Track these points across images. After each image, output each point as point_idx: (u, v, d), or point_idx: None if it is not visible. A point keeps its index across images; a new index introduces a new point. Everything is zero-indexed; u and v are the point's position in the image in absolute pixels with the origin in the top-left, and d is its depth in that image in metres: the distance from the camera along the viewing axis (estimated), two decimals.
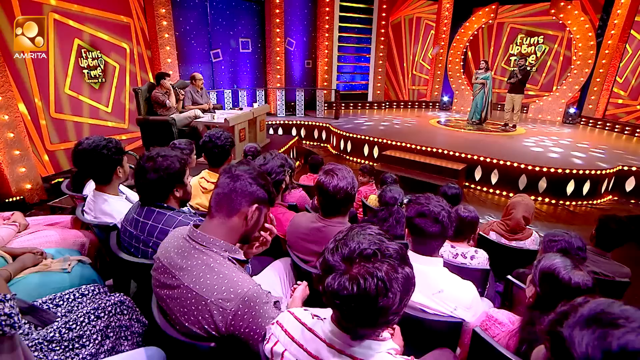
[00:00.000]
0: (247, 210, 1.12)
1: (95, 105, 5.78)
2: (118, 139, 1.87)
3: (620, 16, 8.84)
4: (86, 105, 5.60)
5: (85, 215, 1.86)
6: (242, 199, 1.11)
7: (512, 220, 2.63)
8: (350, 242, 0.83)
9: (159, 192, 1.48)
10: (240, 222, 1.13)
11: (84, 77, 5.51)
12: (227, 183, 1.11)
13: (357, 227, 0.88)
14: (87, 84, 5.59)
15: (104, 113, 5.97)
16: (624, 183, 5.99)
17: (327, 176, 1.64)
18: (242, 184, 1.10)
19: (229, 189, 1.10)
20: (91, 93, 5.68)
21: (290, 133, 8.92)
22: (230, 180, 1.11)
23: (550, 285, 1.26)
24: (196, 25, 7.66)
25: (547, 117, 10.50)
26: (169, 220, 1.45)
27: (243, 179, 1.11)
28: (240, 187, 1.10)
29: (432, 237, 1.47)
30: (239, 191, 1.10)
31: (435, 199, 1.49)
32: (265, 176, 1.17)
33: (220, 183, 1.12)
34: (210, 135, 2.19)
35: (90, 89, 5.66)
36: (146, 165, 1.45)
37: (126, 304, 1.36)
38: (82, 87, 5.52)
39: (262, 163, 1.91)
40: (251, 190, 1.12)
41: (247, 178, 1.12)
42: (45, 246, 1.88)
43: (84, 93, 5.54)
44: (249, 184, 1.11)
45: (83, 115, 5.59)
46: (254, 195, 1.12)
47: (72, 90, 5.34)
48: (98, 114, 5.86)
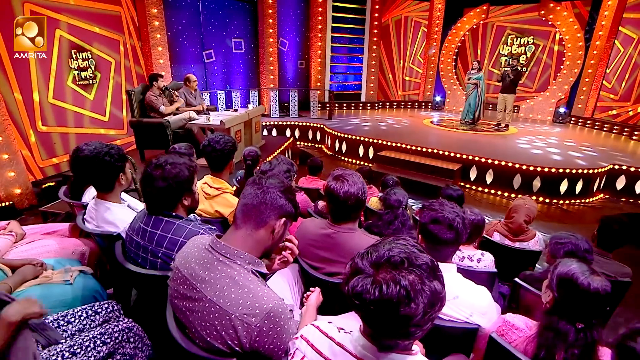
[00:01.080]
0: (274, 224, 1.10)
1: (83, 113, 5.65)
2: (119, 146, 1.81)
3: (607, 17, 9.01)
4: (71, 112, 5.45)
5: (86, 224, 1.79)
6: (271, 211, 1.09)
7: (514, 224, 2.65)
8: (381, 248, 0.82)
9: (168, 201, 1.43)
10: (266, 235, 1.10)
11: (72, 79, 5.36)
12: (257, 195, 1.09)
13: (392, 237, 0.87)
14: (77, 85, 5.45)
15: (97, 114, 5.85)
16: (615, 182, 6.10)
17: (337, 182, 1.61)
18: (272, 197, 1.09)
19: (258, 201, 1.08)
20: (79, 96, 5.54)
21: (284, 134, 8.87)
22: (260, 192, 1.09)
23: (568, 291, 1.26)
24: (188, 26, 7.56)
25: (537, 117, 10.65)
26: (178, 230, 1.40)
27: (273, 192, 1.09)
28: (270, 200, 1.08)
29: (446, 244, 1.46)
30: (268, 203, 1.08)
31: (449, 205, 1.48)
32: (292, 190, 1.16)
33: (248, 194, 1.10)
34: (210, 139, 2.14)
35: (81, 90, 5.53)
36: (154, 173, 1.41)
37: (134, 331, 1.32)
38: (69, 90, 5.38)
39: (268, 168, 1.88)
40: (280, 204, 1.10)
41: (277, 191, 1.10)
42: (44, 256, 1.82)
43: (69, 98, 5.39)
44: (278, 197, 1.10)
45: (69, 125, 5.45)
46: (283, 209, 1.11)
47: (56, 99, 5.17)
48: (87, 119, 5.73)
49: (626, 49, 8.77)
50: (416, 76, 12.34)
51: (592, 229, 5.46)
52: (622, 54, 8.89)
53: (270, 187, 1.10)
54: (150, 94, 5.08)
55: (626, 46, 8.78)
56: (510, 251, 2.60)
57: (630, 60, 8.63)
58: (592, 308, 1.21)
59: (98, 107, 5.82)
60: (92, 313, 1.40)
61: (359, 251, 0.87)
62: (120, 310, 1.50)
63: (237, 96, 8.56)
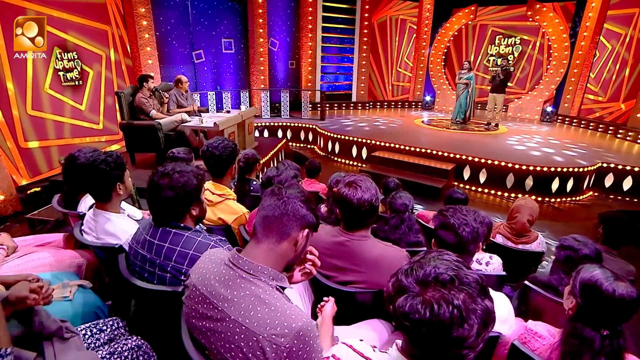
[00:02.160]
0: (297, 236, 1.05)
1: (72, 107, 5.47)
2: (118, 154, 1.72)
3: (591, 19, 9.21)
4: (50, 121, 5.27)
5: (84, 235, 1.70)
6: (293, 223, 1.04)
7: (517, 224, 2.64)
8: (426, 265, 0.78)
9: (175, 211, 1.36)
10: (289, 247, 1.05)
11: (60, 80, 5.19)
12: (277, 206, 1.03)
13: (435, 252, 0.83)
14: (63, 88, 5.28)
15: (80, 118, 5.67)
16: (604, 179, 6.23)
17: (350, 189, 1.57)
18: (294, 207, 1.04)
19: (280, 212, 1.03)
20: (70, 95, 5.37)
21: (276, 135, 8.79)
22: (281, 202, 1.04)
23: (592, 297, 1.24)
24: (177, 25, 7.41)
25: (525, 116, 10.83)
26: (187, 242, 1.33)
27: (294, 202, 1.04)
28: (292, 211, 1.03)
29: (454, 251, 1.43)
30: (290, 214, 1.03)
31: (463, 212, 1.45)
32: (312, 200, 1.10)
33: (268, 205, 1.04)
34: (208, 144, 2.07)
35: (67, 93, 5.36)
36: (161, 182, 1.33)
37: (143, 349, 1.25)
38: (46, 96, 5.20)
39: (275, 174, 1.82)
40: (302, 214, 1.05)
41: (298, 201, 1.05)
42: (39, 270, 1.72)
43: (47, 107, 5.21)
44: (300, 207, 1.05)
45: (50, 137, 5.27)
46: (305, 219, 1.06)
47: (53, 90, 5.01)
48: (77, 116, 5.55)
49: (610, 50, 8.98)
50: (406, 77, 12.40)
51: (584, 226, 5.55)
52: (605, 55, 9.10)
53: (291, 197, 1.05)
54: (140, 96, 4.94)
55: (610, 48, 8.98)
56: (513, 253, 2.60)
57: (612, 61, 8.83)
58: (618, 314, 1.19)
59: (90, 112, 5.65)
60: (96, 331, 1.32)
61: (375, 259, 0.82)
62: (125, 327, 1.42)
63: (228, 97, 8.43)
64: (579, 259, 1.79)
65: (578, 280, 1.29)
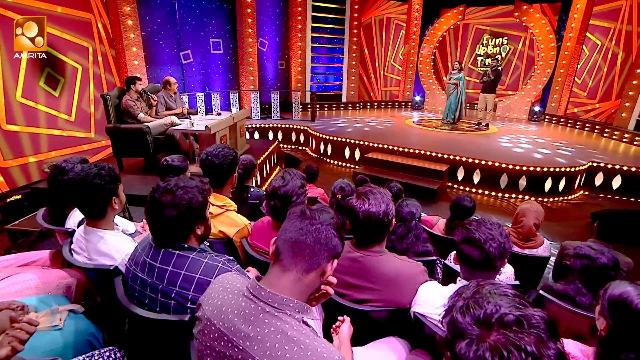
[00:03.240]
0: (326, 266, 0.95)
1: (53, 114, 5.22)
2: (110, 165, 1.58)
3: (576, 20, 9.37)
4: (43, 113, 5.05)
5: (75, 255, 1.55)
6: (325, 252, 0.93)
7: (523, 228, 2.60)
8: (485, 302, 0.69)
9: (179, 232, 1.24)
10: (316, 278, 0.95)
11: (40, 81, 4.95)
12: (310, 232, 0.93)
13: (489, 285, 0.74)
14: (43, 90, 5.03)
15: (65, 122, 5.42)
16: (594, 179, 6.31)
17: (358, 200, 1.48)
18: (327, 236, 0.94)
19: (312, 239, 0.92)
20: (48, 100, 5.12)
21: (267, 137, 8.64)
22: (314, 229, 0.93)
23: (623, 316, 1.17)
24: (164, 25, 7.19)
25: (514, 115, 10.95)
26: (193, 265, 1.21)
27: (328, 230, 0.94)
28: (325, 240, 0.93)
29: (478, 268, 1.36)
30: (323, 244, 0.93)
31: (488, 226, 1.37)
32: (342, 228, 1.00)
33: (298, 229, 0.93)
34: (208, 153, 1.94)
35: (47, 96, 5.11)
36: (163, 199, 1.21)
37: None
38: (38, 94, 4.96)
39: (281, 184, 1.71)
40: (334, 244, 0.95)
41: (331, 229, 0.95)
42: (24, 295, 1.57)
43: (40, 100, 4.99)
44: (333, 235, 0.95)
45: (40, 126, 5.04)
46: (336, 249, 0.96)
47: (26, 98, 4.78)
48: (57, 123, 5.30)
49: (593, 51, 9.15)
50: (397, 73, 12.38)
51: (576, 225, 5.58)
52: (590, 56, 9.27)
53: (324, 224, 0.94)
54: (127, 99, 4.73)
55: (593, 48, 9.15)
56: (520, 258, 2.55)
57: (596, 63, 9.00)
58: None
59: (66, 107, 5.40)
60: None
61: (392, 276, 0.72)
62: (124, 358, 1.29)
63: (217, 98, 8.24)
64: (596, 269, 1.74)
65: (606, 298, 1.22)
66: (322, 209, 1.01)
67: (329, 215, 0.99)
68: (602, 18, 8.94)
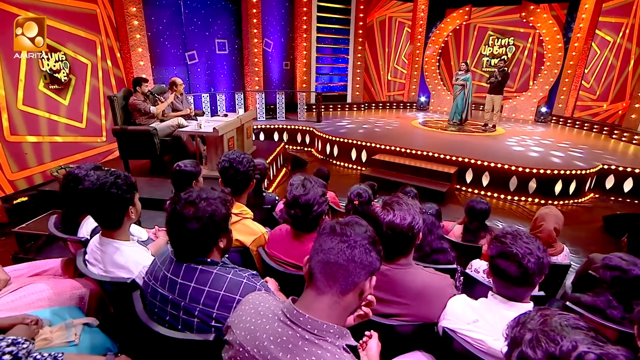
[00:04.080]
0: (364, 285, 0.88)
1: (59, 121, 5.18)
2: (126, 173, 1.52)
3: (585, 20, 9.26)
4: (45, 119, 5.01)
5: (89, 267, 1.50)
6: (361, 270, 0.87)
7: (543, 233, 2.53)
8: (558, 336, 0.64)
9: (202, 245, 1.18)
10: (354, 299, 0.88)
11: (44, 82, 4.89)
12: (343, 250, 0.86)
13: (557, 315, 0.67)
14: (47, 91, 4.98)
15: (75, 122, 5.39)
16: (604, 181, 6.23)
17: (383, 210, 1.42)
18: (361, 252, 0.87)
19: (346, 259, 0.85)
20: (53, 100, 5.08)
21: (272, 138, 8.59)
22: (346, 246, 0.86)
23: None
24: (169, 25, 7.14)
25: (520, 116, 10.86)
26: (216, 281, 1.15)
27: (362, 246, 0.87)
28: (360, 257, 0.86)
29: (515, 283, 1.29)
30: (358, 262, 0.86)
31: (525, 239, 1.30)
32: (379, 241, 0.93)
33: (330, 249, 0.86)
34: (231, 160, 1.87)
35: (53, 95, 5.07)
36: (185, 212, 1.15)
37: None
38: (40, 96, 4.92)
39: (302, 193, 1.65)
40: (371, 260, 0.88)
41: (366, 244, 0.88)
42: (37, 307, 1.51)
43: (42, 103, 4.94)
44: (368, 250, 0.87)
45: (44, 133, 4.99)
46: (373, 265, 0.89)
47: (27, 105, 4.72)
48: (65, 127, 5.26)
49: (603, 50, 9.04)
50: (401, 77, 12.32)
51: (588, 228, 5.48)
52: (599, 56, 9.16)
53: (358, 240, 0.87)
54: (134, 99, 4.69)
55: (603, 48, 9.05)
56: None
57: (607, 61, 8.90)
58: None
59: (74, 112, 5.37)
60: None
61: (419, 290, 0.66)
62: None
63: (222, 99, 8.19)
64: (629, 281, 1.67)
65: None
66: (353, 222, 0.94)
67: (362, 229, 0.92)
68: (613, 14, 8.81)
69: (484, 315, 1.35)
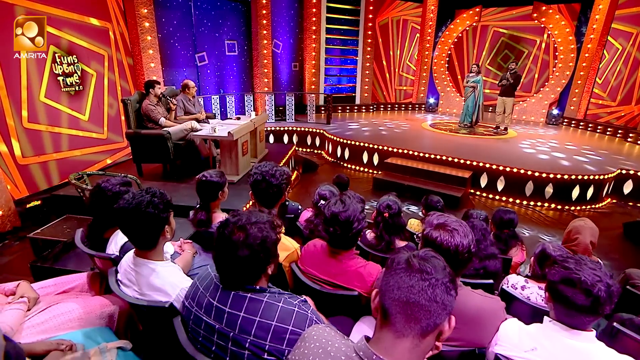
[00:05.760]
0: (443, 326, 0.81)
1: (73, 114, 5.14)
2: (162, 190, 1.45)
3: (598, 21, 9.13)
4: (65, 115, 4.98)
5: (122, 288, 1.43)
6: (442, 311, 0.79)
7: (579, 247, 2.44)
8: None
9: (252, 273, 1.11)
10: (432, 340, 0.81)
11: (60, 85, 4.87)
12: (424, 290, 0.78)
13: None
14: (65, 93, 4.95)
15: (82, 124, 5.34)
16: (622, 186, 6.11)
17: (441, 232, 1.34)
18: (443, 291, 0.79)
19: (427, 299, 0.78)
20: (68, 102, 5.04)
21: (282, 140, 8.52)
22: (427, 285, 0.79)
23: None
24: (180, 27, 7.08)
25: (530, 118, 10.74)
26: (268, 310, 1.08)
27: (443, 284, 0.80)
28: (442, 297, 0.79)
29: (581, 312, 1.21)
30: (440, 302, 0.78)
31: (590, 265, 1.22)
32: (454, 274, 0.86)
33: (410, 287, 0.79)
34: (263, 172, 1.80)
35: (68, 98, 5.03)
36: (234, 238, 1.07)
37: None
38: (60, 96, 4.89)
39: (341, 209, 1.57)
40: (450, 300, 0.80)
41: (447, 282, 0.80)
42: (67, 328, 1.45)
43: (62, 102, 4.92)
44: (448, 289, 0.80)
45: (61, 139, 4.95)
46: (453, 305, 0.81)
47: (48, 98, 4.71)
48: (78, 124, 5.22)
49: (617, 52, 8.91)
50: (412, 74, 12.20)
51: (608, 235, 5.38)
52: (612, 57, 9.03)
53: (439, 278, 0.80)
54: (147, 103, 4.63)
55: (617, 49, 8.91)
56: None
57: (628, 59, 8.76)
58: None
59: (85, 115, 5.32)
60: None
61: (473, 313, 0.59)
62: None
63: (232, 101, 8.13)
64: None
65: None
66: (430, 256, 0.87)
67: (440, 264, 0.85)
68: (624, 22, 8.70)
69: (543, 343, 1.27)
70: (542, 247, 1.97)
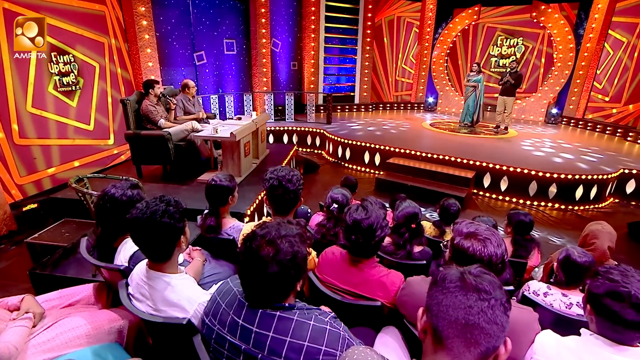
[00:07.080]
0: (501, 350, 0.74)
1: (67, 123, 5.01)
2: (177, 199, 1.36)
3: (597, 20, 9.13)
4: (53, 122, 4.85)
5: (135, 302, 1.34)
6: (501, 333, 0.72)
7: (596, 252, 2.39)
8: None
9: (281, 290, 1.03)
10: None
11: (53, 85, 4.72)
12: (483, 311, 0.71)
13: None
14: (57, 93, 4.81)
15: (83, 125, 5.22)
16: (625, 186, 6.10)
17: (473, 241, 1.27)
18: (501, 312, 0.73)
19: (486, 321, 0.71)
20: (62, 103, 4.91)
21: (281, 140, 8.43)
22: (487, 306, 0.72)
23: None
24: (178, 26, 6.96)
25: (530, 117, 10.74)
26: (298, 329, 1.00)
27: (501, 304, 0.73)
28: (501, 318, 0.73)
29: (629, 327, 1.15)
30: (499, 324, 0.72)
31: (638, 277, 1.16)
32: (509, 296, 0.80)
33: (467, 308, 0.72)
34: (279, 177, 1.71)
35: (61, 97, 4.90)
36: (263, 253, 0.99)
37: None
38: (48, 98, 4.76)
39: (364, 217, 1.50)
40: (507, 320, 0.74)
41: (505, 302, 0.74)
42: (75, 346, 1.36)
43: (51, 107, 4.77)
44: (506, 309, 0.74)
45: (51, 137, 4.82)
46: (508, 325, 0.75)
47: (36, 108, 4.56)
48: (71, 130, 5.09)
49: (616, 51, 8.92)
50: (408, 77, 12.16)
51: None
52: (612, 56, 9.04)
53: (498, 297, 0.73)
54: (147, 103, 4.53)
55: (616, 49, 8.92)
56: None
57: (620, 62, 8.78)
58: None
59: (82, 115, 5.19)
60: None
61: None
62: None
63: (231, 101, 8.02)
64: None
65: None
66: (483, 273, 0.80)
67: (496, 282, 0.78)
68: (626, 14, 8.68)
69: (584, 358, 1.21)
70: (567, 253, 1.91)
